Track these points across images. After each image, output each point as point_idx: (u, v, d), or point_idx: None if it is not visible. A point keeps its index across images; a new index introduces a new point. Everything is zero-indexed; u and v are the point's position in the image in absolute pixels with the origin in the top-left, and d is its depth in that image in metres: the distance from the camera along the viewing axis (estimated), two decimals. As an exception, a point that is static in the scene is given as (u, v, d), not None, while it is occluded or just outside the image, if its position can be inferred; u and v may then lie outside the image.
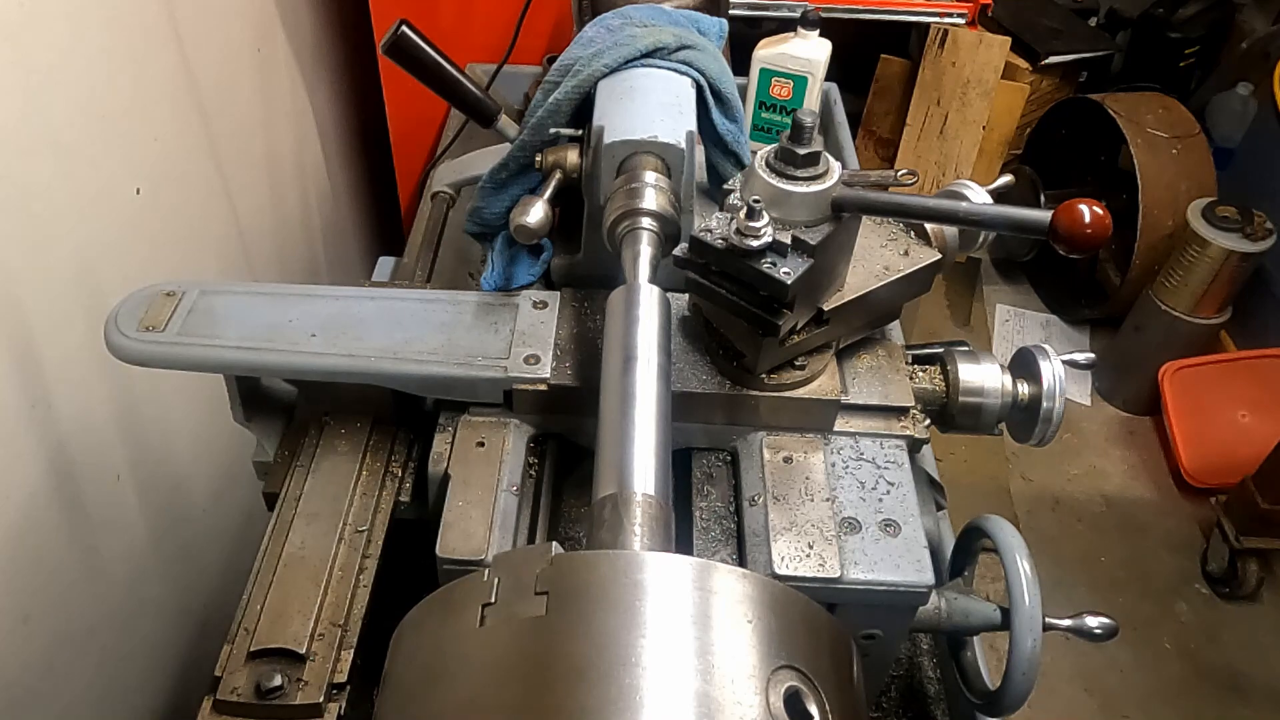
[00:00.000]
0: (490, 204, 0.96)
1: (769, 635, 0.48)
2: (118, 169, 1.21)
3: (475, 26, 1.82)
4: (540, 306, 0.92)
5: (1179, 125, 2.64)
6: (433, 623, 0.53)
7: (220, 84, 1.51)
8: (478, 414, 0.88)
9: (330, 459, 0.89)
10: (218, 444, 1.49)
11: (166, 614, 1.40)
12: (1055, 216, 0.66)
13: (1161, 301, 2.58)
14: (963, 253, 0.94)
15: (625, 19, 0.98)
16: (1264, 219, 2.43)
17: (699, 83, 0.95)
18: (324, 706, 0.72)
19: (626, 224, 0.81)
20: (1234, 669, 2.24)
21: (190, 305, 0.88)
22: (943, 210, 0.79)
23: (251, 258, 1.68)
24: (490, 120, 0.97)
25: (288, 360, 0.85)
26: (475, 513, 0.80)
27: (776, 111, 1.43)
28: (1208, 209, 2.46)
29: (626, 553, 0.52)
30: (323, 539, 0.82)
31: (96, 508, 1.21)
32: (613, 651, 0.45)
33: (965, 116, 2.53)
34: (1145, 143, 2.58)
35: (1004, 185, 0.93)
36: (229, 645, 0.74)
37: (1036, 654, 0.83)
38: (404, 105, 1.95)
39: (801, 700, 0.46)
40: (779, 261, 0.76)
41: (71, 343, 1.11)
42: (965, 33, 2.38)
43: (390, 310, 0.90)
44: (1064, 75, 2.82)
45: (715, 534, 0.84)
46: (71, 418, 1.13)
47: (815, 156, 0.77)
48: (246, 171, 1.64)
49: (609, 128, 0.86)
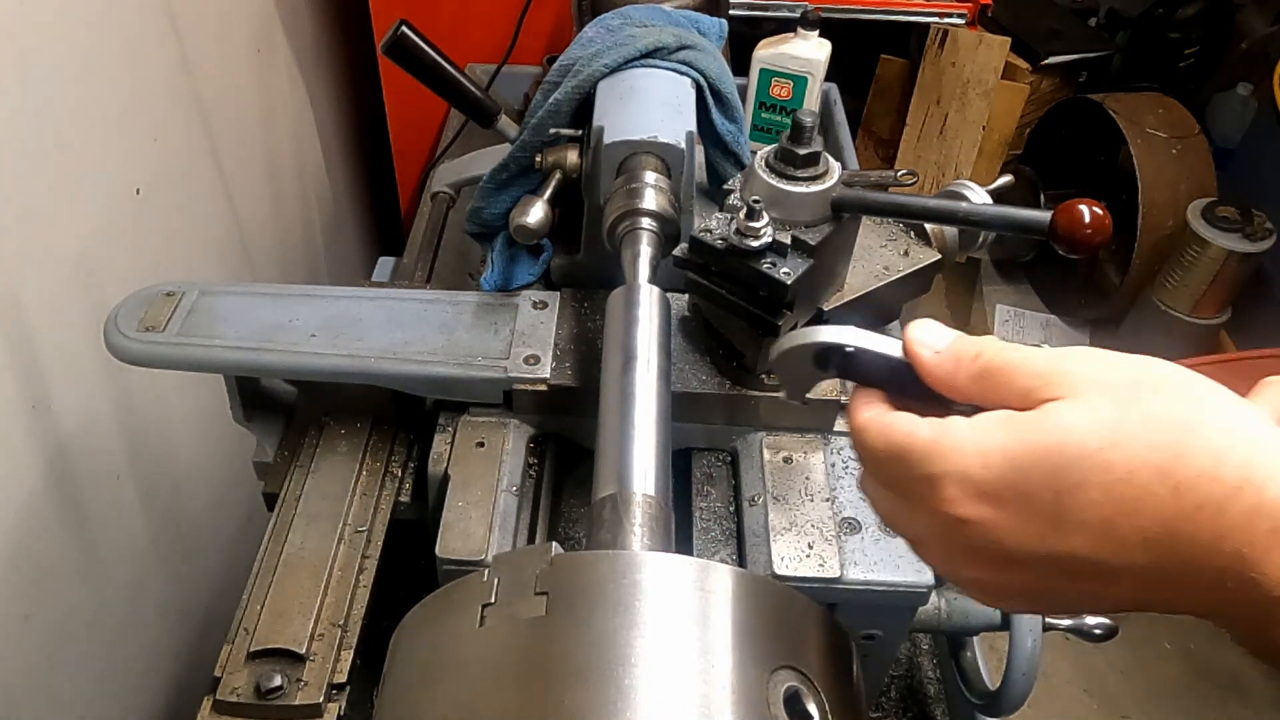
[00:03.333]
0: (490, 204, 0.96)
1: (769, 635, 0.48)
2: (118, 169, 1.21)
3: (475, 26, 1.82)
4: (540, 306, 0.92)
5: (1179, 125, 2.64)
6: (433, 623, 0.53)
7: (220, 84, 1.51)
8: (478, 414, 0.88)
9: (330, 459, 0.89)
10: (218, 444, 1.49)
11: (166, 614, 1.40)
12: (1055, 216, 0.66)
13: (1161, 301, 2.58)
14: (963, 253, 0.94)
15: (625, 19, 0.98)
16: (1264, 219, 2.43)
17: (699, 83, 0.95)
18: (324, 707, 0.72)
19: (626, 224, 0.81)
20: (1234, 669, 2.24)
21: (190, 305, 0.88)
22: (943, 210, 0.79)
23: (251, 258, 1.68)
24: (490, 120, 0.97)
25: (288, 360, 0.85)
26: (475, 513, 0.80)
27: (776, 111, 1.43)
28: (1208, 209, 2.45)
29: (626, 553, 0.52)
30: (323, 539, 0.82)
31: (96, 508, 1.21)
32: (612, 651, 0.45)
33: (965, 117, 2.53)
34: (1145, 143, 2.58)
35: (1004, 185, 0.93)
36: (229, 645, 0.74)
37: (1036, 654, 0.84)
38: (404, 105, 1.95)
39: (801, 700, 0.46)
40: (779, 261, 0.76)
41: (71, 343, 1.11)
42: (965, 33, 2.38)
43: (390, 310, 0.90)
44: (1064, 75, 2.82)
45: (715, 534, 0.84)
46: (71, 418, 1.13)
47: (815, 157, 0.77)
48: (246, 171, 1.64)
49: (609, 128, 0.86)
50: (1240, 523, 0.40)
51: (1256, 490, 0.40)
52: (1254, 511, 0.39)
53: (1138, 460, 0.41)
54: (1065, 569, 0.44)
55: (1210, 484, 0.40)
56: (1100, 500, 0.42)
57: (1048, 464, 0.43)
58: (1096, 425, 0.42)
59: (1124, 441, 0.42)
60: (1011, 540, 0.44)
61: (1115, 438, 0.42)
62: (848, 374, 0.52)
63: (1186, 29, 3.07)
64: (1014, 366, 0.46)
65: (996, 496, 0.44)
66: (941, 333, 0.49)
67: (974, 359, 0.47)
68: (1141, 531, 0.42)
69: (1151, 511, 0.41)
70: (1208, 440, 0.41)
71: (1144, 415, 0.42)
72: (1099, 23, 3.09)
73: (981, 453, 0.44)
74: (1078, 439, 0.42)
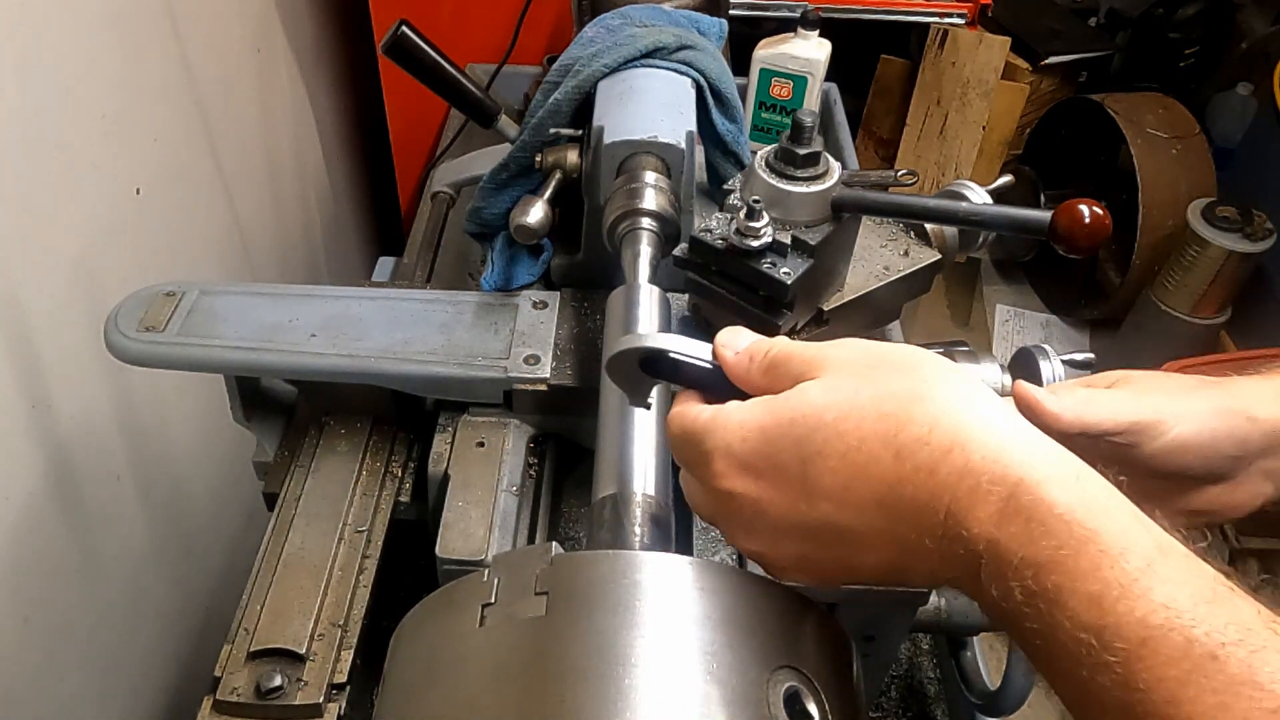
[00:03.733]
0: (490, 204, 0.96)
1: (769, 635, 0.48)
2: (118, 169, 1.21)
3: (475, 26, 1.82)
4: (540, 306, 0.92)
5: (1179, 125, 2.64)
6: (433, 623, 0.53)
7: (220, 84, 1.51)
8: (478, 414, 0.88)
9: (330, 459, 0.89)
10: (218, 444, 1.49)
11: (166, 614, 1.40)
12: (1055, 216, 0.66)
13: (1161, 301, 2.58)
14: (963, 253, 0.94)
15: (625, 19, 0.98)
16: (1264, 219, 2.43)
17: (699, 83, 0.95)
18: (324, 707, 0.72)
19: (626, 224, 0.81)
20: (1234, 669, 2.24)
21: (190, 305, 0.88)
22: (943, 210, 0.79)
23: (251, 258, 1.68)
24: (490, 120, 0.97)
25: (288, 360, 0.85)
26: (475, 513, 0.80)
27: (776, 111, 1.43)
28: (1208, 209, 2.45)
29: (626, 553, 0.52)
30: (323, 539, 0.82)
31: (96, 507, 1.21)
32: (612, 651, 0.45)
33: (965, 116, 2.53)
34: (1145, 143, 2.58)
35: (1004, 185, 0.93)
36: (229, 645, 0.74)
37: (1036, 654, 0.83)
38: (404, 105, 1.95)
39: (801, 700, 0.46)
40: (779, 261, 0.76)
41: (71, 343, 1.11)
42: (965, 33, 2.38)
43: (390, 310, 0.90)
44: (1064, 75, 2.82)
45: (715, 534, 0.84)
46: (71, 418, 1.13)
47: (815, 157, 0.77)
48: (246, 171, 1.64)
49: (609, 128, 0.86)
50: (949, 482, 0.43)
51: (963, 453, 0.44)
52: (961, 471, 0.43)
53: (867, 427, 0.46)
54: (820, 537, 0.48)
55: (924, 448, 0.44)
56: (837, 467, 0.46)
57: (793, 434, 0.47)
58: (834, 398, 0.47)
59: (856, 413, 0.46)
60: (774, 511, 0.49)
61: (849, 409, 0.47)
62: (674, 378, 0.56)
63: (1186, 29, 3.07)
64: (790, 357, 0.51)
65: (754, 468, 0.49)
66: (744, 336, 0.54)
67: (764, 355, 0.52)
68: (874, 494, 0.45)
69: (879, 475, 0.45)
70: (926, 411, 0.45)
71: (877, 390, 0.47)
72: (1099, 23, 3.09)
73: (741, 426, 0.49)
74: (817, 410, 0.47)
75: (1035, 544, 0.40)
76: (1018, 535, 0.41)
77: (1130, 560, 0.39)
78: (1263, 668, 0.35)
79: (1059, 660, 0.40)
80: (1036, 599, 0.40)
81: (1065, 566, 0.40)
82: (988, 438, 0.44)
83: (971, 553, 0.43)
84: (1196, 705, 0.36)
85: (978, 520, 0.42)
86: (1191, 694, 0.36)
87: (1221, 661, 0.36)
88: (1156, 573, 0.38)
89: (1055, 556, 0.40)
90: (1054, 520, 0.41)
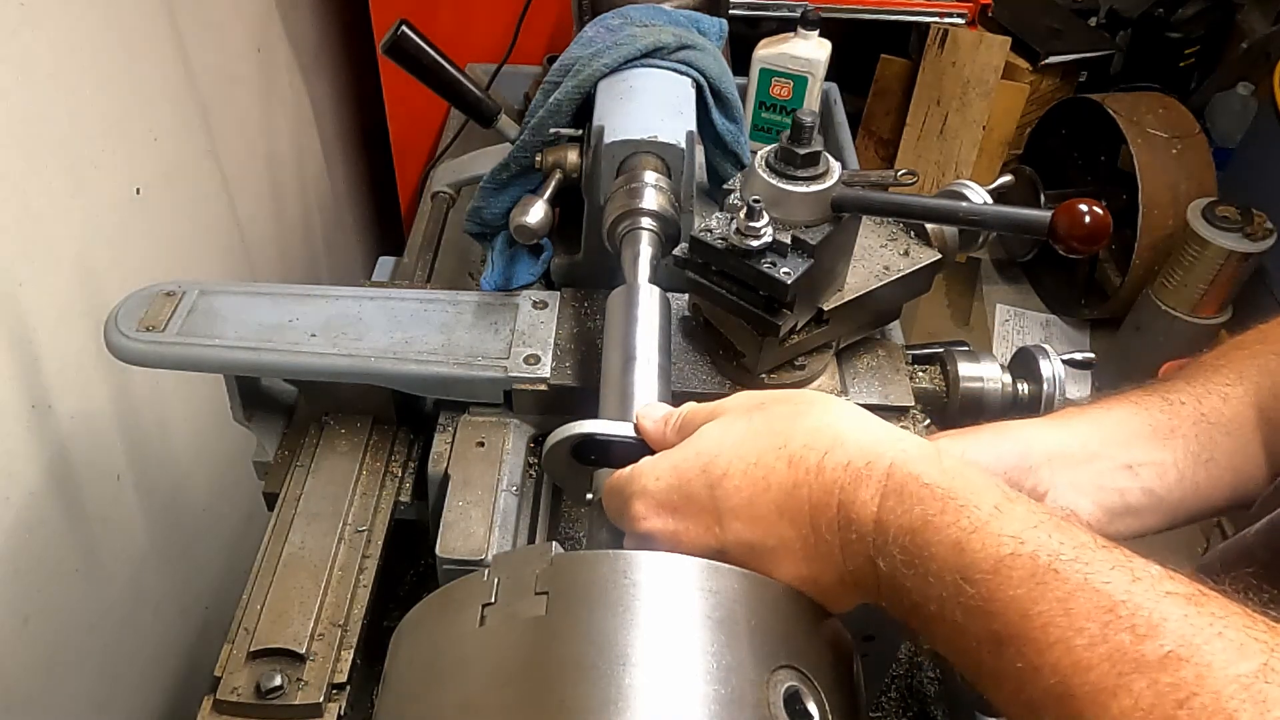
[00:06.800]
0: (490, 204, 0.96)
1: (769, 635, 0.48)
2: (118, 169, 1.21)
3: (475, 26, 1.82)
4: (540, 306, 0.92)
5: (1179, 125, 2.64)
6: (433, 623, 0.53)
7: (220, 84, 1.51)
8: (478, 414, 0.88)
9: (330, 459, 0.89)
10: (218, 444, 1.49)
11: (166, 614, 1.40)
12: (1055, 216, 0.66)
13: (1161, 301, 2.58)
14: (963, 253, 0.94)
15: (625, 19, 0.98)
16: (1264, 219, 2.43)
17: (699, 83, 0.95)
18: (324, 706, 0.72)
19: (626, 224, 0.81)
20: (1234, 669, 2.24)
21: (190, 305, 0.88)
22: (943, 210, 0.79)
23: (251, 258, 1.68)
24: (490, 120, 0.97)
25: (288, 360, 0.85)
26: (475, 513, 0.80)
27: (776, 111, 1.43)
28: (1208, 209, 2.45)
29: (626, 553, 0.52)
30: (323, 539, 0.82)
31: (96, 507, 1.21)
32: (612, 651, 0.45)
33: (965, 116, 2.53)
34: (1145, 143, 2.58)
35: (1004, 185, 0.93)
36: (229, 645, 0.74)
37: (1036, 654, 0.83)
38: (404, 105, 1.95)
39: (801, 700, 0.46)
40: (779, 261, 0.76)
41: (71, 343, 1.11)
42: (965, 33, 2.38)
43: (390, 310, 0.90)
44: (1064, 75, 2.82)
45: (715, 534, 0.84)
46: (71, 418, 1.13)
47: (815, 156, 0.77)
48: (246, 171, 1.64)
49: (609, 128, 0.86)
50: (836, 475, 0.50)
51: (843, 449, 0.51)
52: (844, 464, 0.50)
53: (762, 443, 0.53)
54: (737, 558, 0.52)
55: (810, 452, 0.52)
56: (741, 485, 0.52)
57: (699, 464, 0.54)
58: (731, 429, 0.55)
59: (750, 436, 0.54)
60: (692, 541, 0.54)
61: (745, 434, 0.54)
62: (604, 461, 0.62)
63: (1186, 29, 3.07)
64: (695, 413, 0.59)
65: (669, 504, 0.55)
66: (659, 408, 0.63)
67: (677, 417, 0.60)
68: (775, 504, 0.52)
69: (777, 484, 0.52)
70: (807, 424, 0.53)
71: (766, 416, 0.55)
72: (1099, 23, 3.09)
73: (654, 468, 0.56)
74: (718, 440, 0.55)
75: (910, 512, 0.47)
76: (894, 508, 0.48)
77: (982, 507, 0.46)
78: (1096, 576, 0.42)
79: (940, 624, 0.46)
80: (914, 559, 0.46)
81: (933, 525, 0.46)
82: (861, 435, 0.52)
83: (862, 536, 0.49)
84: (1044, 614, 0.41)
85: (863, 502, 0.49)
86: (1040, 606, 0.42)
87: (1062, 575, 0.42)
88: (1003, 514, 0.46)
89: (924, 517, 0.47)
90: (922, 489, 0.48)
